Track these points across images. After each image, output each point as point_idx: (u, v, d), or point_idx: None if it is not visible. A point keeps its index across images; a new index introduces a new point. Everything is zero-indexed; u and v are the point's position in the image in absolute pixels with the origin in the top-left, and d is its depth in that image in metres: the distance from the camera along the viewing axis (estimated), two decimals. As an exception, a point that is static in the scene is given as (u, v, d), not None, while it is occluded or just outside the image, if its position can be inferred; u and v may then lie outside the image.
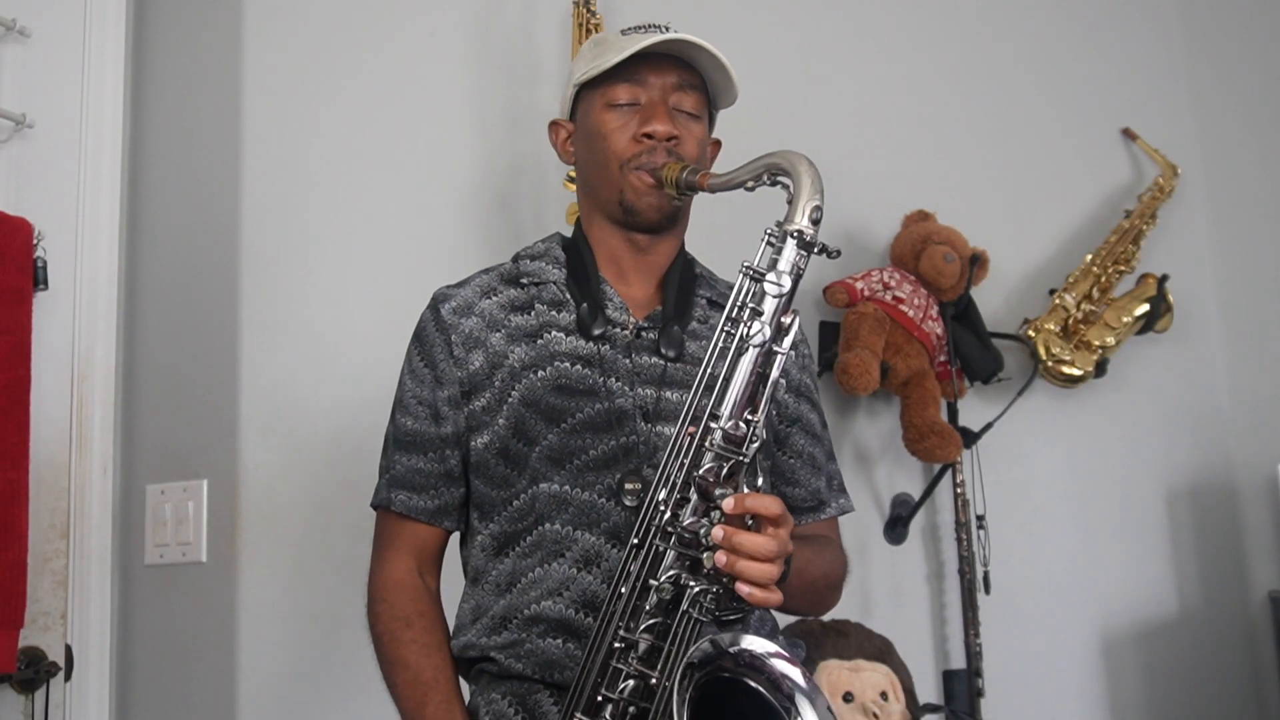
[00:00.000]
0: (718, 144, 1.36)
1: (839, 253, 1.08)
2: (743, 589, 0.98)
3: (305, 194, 2.08)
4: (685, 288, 1.28)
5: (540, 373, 1.19)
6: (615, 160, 1.22)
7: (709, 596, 1.00)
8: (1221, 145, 2.40)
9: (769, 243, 1.07)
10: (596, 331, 1.21)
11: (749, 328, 1.05)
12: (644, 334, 1.23)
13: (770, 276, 1.05)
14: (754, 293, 1.06)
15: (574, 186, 1.91)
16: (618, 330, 1.23)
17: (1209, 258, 2.38)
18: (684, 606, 1.01)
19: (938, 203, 2.15)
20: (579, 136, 1.29)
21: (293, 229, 2.06)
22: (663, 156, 1.20)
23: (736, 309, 1.07)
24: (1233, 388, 2.33)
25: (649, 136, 1.20)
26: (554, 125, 1.34)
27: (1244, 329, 2.34)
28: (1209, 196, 2.39)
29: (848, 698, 1.76)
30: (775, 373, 1.05)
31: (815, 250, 1.06)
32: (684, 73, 1.24)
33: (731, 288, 1.28)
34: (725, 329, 1.07)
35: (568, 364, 1.20)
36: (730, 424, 1.03)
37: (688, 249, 1.34)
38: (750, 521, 1.01)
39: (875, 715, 1.77)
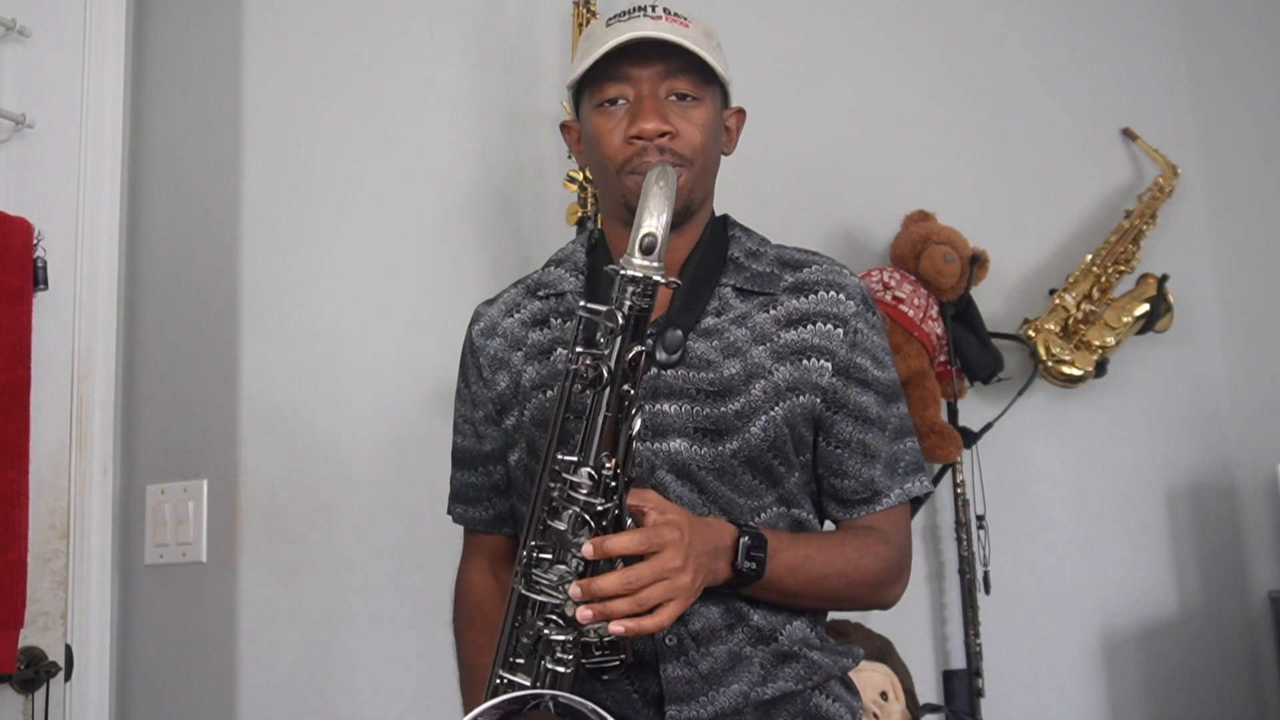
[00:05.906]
0: (740, 113, 1.28)
1: (678, 283, 1.02)
2: (616, 628, 0.95)
3: (305, 194, 2.08)
4: (701, 280, 1.20)
5: (548, 392, 1.19)
6: (611, 165, 1.17)
7: (568, 647, 0.97)
8: (1221, 145, 2.39)
9: (611, 275, 0.98)
10: None
11: (593, 370, 0.97)
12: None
13: (607, 315, 0.97)
14: (591, 333, 0.99)
15: (574, 186, 1.91)
16: None
17: (1209, 258, 2.37)
18: (546, 663, 0.98)
19: (938, 203, 2.15)
20: (584, 138, 1.24)
21: (292, 229, 2.07)
22: (655, 155, 1.14)
23: (576, 353, 0.98)
24: (1233, 388, 2.32)
25: (639, 137, 1.14)
26: (564, 128, 1.30)
27: (1244, 329, 2.33)
28: (1209, 196, 2.39)
29: (848, 698, 1.76)
30: (633, 414, 0.98)
31: (646, 284, 0.96)
32: (671, 58, 1.15)
33: (776, 261, 1.24)
34: (572, 370, 0.98)
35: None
36: (587, 471, 0.97)
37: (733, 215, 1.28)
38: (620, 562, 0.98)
39: (875, 715, 1.78)
